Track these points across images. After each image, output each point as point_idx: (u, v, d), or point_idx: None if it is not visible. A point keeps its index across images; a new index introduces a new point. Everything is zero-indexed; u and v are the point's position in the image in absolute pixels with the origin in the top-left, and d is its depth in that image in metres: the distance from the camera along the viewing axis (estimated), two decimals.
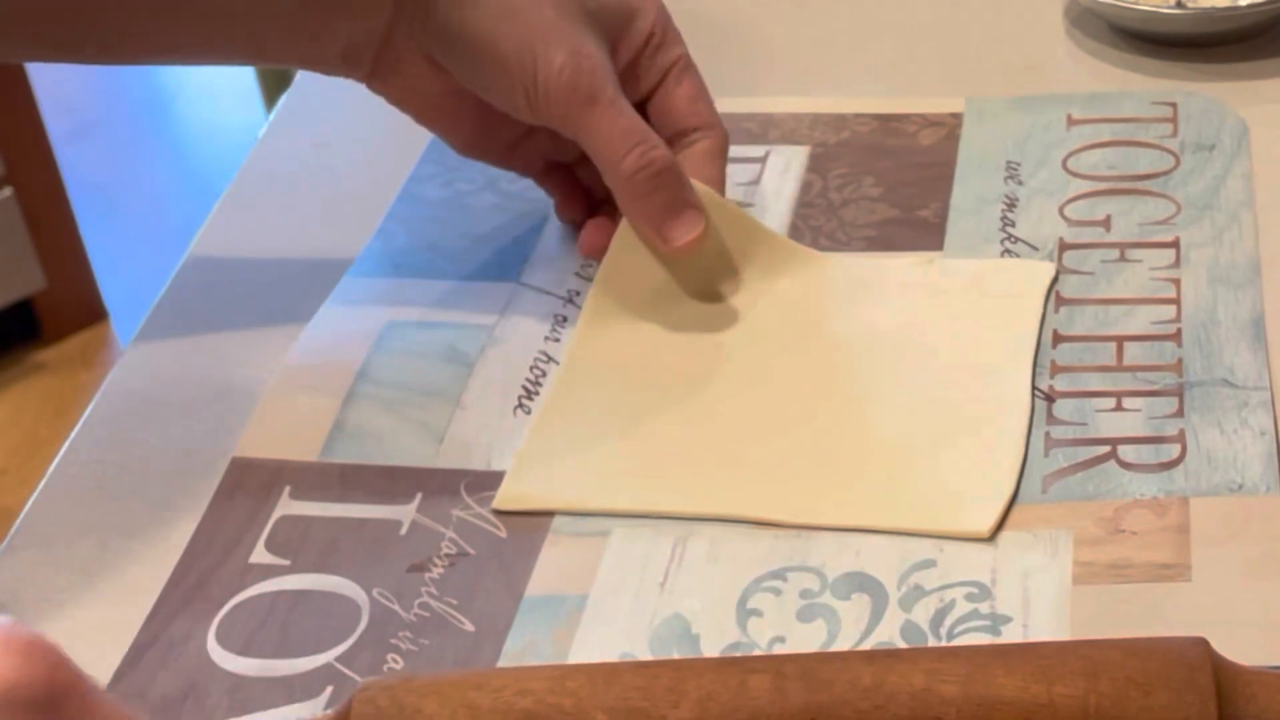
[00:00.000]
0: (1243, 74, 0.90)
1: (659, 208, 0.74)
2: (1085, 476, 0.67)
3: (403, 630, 0.64)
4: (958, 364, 0.73)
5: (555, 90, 0.73)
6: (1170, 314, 0.75)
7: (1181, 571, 0.63)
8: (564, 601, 0.65)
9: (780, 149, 0.88)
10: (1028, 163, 0.85)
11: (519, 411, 0.74)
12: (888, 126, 0.89)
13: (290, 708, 0.61)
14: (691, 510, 0.68)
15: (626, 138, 0.74)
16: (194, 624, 0.65)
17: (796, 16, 1.00)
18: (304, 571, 0.67)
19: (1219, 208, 0.81)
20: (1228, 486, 0.66)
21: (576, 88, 0.73)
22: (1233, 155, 0.84)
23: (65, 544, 0.69)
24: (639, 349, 0.75)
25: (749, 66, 0.95)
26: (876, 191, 0.84)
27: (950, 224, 0.81)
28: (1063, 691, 0.52)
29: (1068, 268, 0.78)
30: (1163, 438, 0.69)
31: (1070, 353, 0.74)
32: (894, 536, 0.66)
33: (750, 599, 0.64)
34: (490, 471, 0.71)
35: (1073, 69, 0.93)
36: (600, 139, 0.74)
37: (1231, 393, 0.70)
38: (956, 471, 0.68)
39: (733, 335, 0.76)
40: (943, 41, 0.96)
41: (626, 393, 0.73)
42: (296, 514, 0.70)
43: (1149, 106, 0.88)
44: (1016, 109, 0.89)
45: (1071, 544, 0.65)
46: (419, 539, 0.68)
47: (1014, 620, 0.62)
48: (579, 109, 0.73)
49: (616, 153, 0.74)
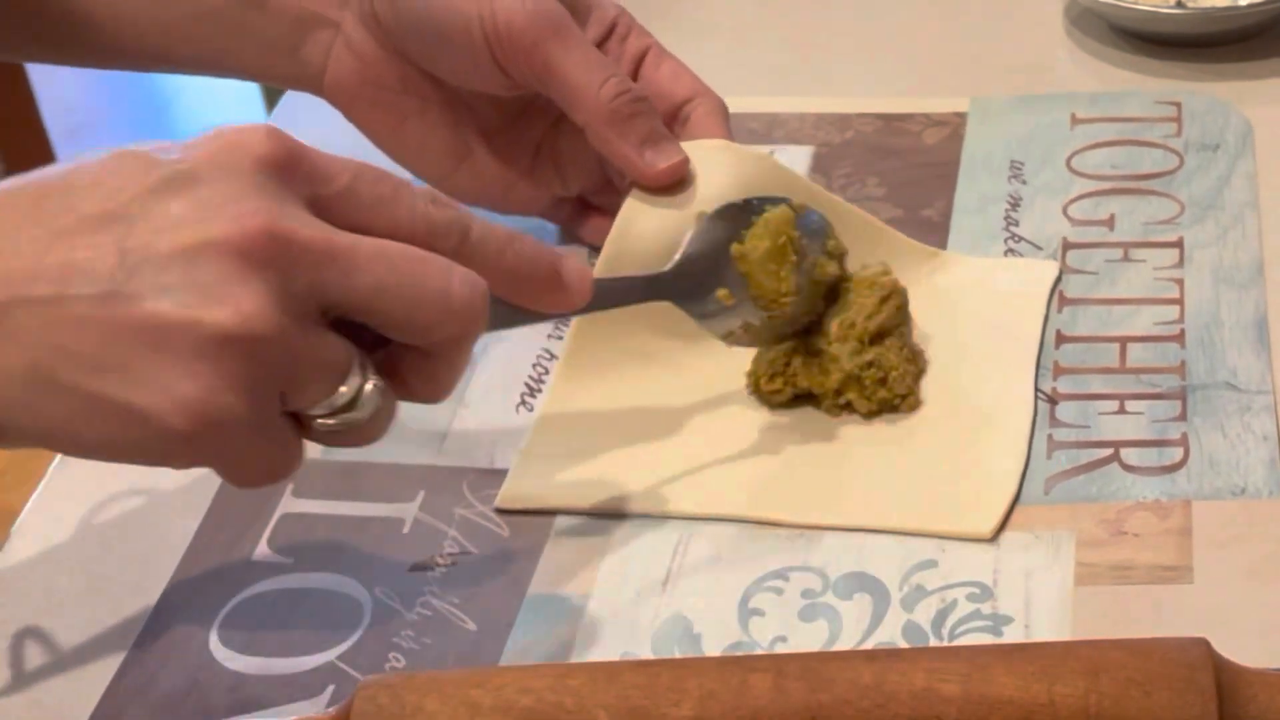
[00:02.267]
0: (1243, 74, 0.90)
1: (641, 134, 0.73)
2: (1088, 478, 0.67)
3: (405, 629, 0.64)
4: (961, 364, 0.73)
5: (518, 20, 0.72)
6: (1174, 314, 0.75)
7: (1183, 574, 0.63)
8: (566, 600, 0.65)
9: (785, 149, 0.88)
10: (1031, 162, 0.85)
11: (521, 409, 0.74)
12: (891, 126, 0.89)
13: (292, 706, 0.61)
14: (694, 510, 0.68)
15: (602, 66, 0.73)
16: (197, 622, 0.65)
17: (800, 17, 1.00)
18: (306, 570, 0.67)
19: (1223, 208, 0.81)
20: (1230, 490, 0.66)
21: (539, 18, 0.73)
22: (1237, 155, 0.84)
23: (65, 544, 0.69)
24: (641, 346, 0.75)
25: (753, 66, 0.95)
26: (880, 191, 0.84)
27: (954, 223, 0.81)
28: (1063, 691, 0.52)
29: (1071, 267, 0.78)
30: (1165, 441, 0.69)
31: (1073, 354, 0.73)
32: (896, 537, 0.66)
33: (752, 598, 0.64)
34: (493, 470, 0.71)
35: (1073, 69, 0.93)
36: (574, 67, 0.73)
37: (1235, 396, 0.70)
38: (959, 472, 0.68)
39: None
40: (945, 42, 0.96)
41: (629, 391, 0.73)
42: (299, 512, 0.70)
43: (1153, 106, 0.88)
44: (1021, 108, 0.89)
45: (1074, 545, 0.65)
46: (421, 538, 0.68)
47: (1015, 621, 0.62)
48: (547, 40, 0.72)
49: (593, 80, 0.73)
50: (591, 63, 0.73)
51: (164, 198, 0.54)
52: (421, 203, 0.58)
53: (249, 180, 0.55)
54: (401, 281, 0.56)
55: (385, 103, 0.78)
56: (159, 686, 0.63)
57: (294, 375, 0.55)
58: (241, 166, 0.55)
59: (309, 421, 0.57)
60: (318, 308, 0.55)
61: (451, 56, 0.75)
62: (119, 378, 0.53)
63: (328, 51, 0.78)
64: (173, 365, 0.53)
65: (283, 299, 0.54)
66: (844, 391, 0.70)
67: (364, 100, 0.78)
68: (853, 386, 0.70)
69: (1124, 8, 0.92)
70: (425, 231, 0.58)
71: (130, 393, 0.53)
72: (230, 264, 0.53)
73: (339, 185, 0.57)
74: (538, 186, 0.80)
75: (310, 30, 0.78)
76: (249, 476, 0.57)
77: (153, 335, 0.53)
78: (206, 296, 0.53)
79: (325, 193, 0.57)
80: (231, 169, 0.55)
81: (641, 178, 0.73)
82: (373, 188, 0.58)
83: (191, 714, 0.62)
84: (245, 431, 0.54)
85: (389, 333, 0.57)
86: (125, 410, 0.53)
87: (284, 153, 0.56)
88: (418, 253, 0.57)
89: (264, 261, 0.54)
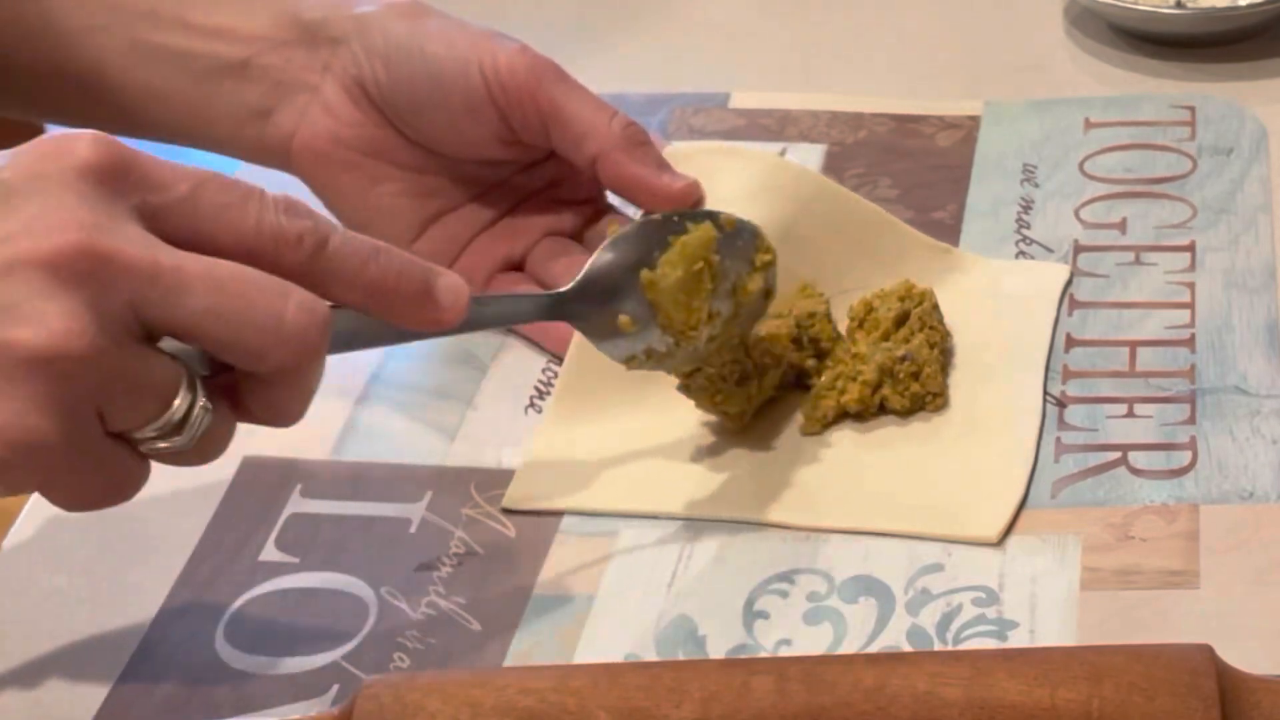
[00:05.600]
0: (1245, 74, 0.90)
1: (654, 159, 0.73)
2: (1095, 482, 0.67)
3: (410, 629, 0.64)
4: (969, 367, 0.73)
5: (520, 68, 0.73)
6: (1184, 319, 0.75)
7: (1190, 578, 0.63)
8: (571, 601, 0.65)
9: (797, 146, 0.87)
10: (1044, 165, 0.85)
11: (530, 412, 0.74)
12: (905, 128, 0.88)
13: (296, 706, 0.61)
14: (700, 511, 0.68)
15: (604, 104, 0.74)
16: (202, 621, 0.65)
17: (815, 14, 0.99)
18: (313, 570, 0.67)
19: (1235, 212, 0.80)
20: (1238, 494, 0.66)
21: (540, 64, 0.73)
22: (1251, 159, 0.83)
23: (65, 544, 0.70)
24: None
25: (767, 62, 0.95)
26: (893, 193, 0.84)
27: (965, 225, 0.81)
28: (1066, 696, 0.52)
29: (1082, 270, 0.78)
30: (1174, 445, 0.68)
31: (1083, 357, 0.73)
32: (902, 540, 0.66)
33: (757, 601, 0.64)
34: (501, 470, 0.71)
35: (1072, 69, 0.93)
36: (581, 105, 0.73)
37: (1244, 400, 0.70)
38: (965, 475, 0.68)
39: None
40: (945, 42, 0.96)
41: (636, 393, 0.73)
42: (307, 512, 0.70)
43: (1168, 109, 0.87)
44: (1034, 112, 0.88)
45: (1080, 549, 0.64)
46: (428, 537, 0.68)
47: (1021, 625, 0.62)
48: (550, 84, 0.73)
49: (603, 115, 0.73)
50: (596, 100, 0.74)
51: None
52: (271, 213, 0.56)
53: (70, 191, 0.52)
54: (230, 306, 0.54)
55: (356, 166, 0.76)
56: (164, 684, 0.63)
57: (112, 396, 0.53)
58: (63, 177, 0.52)
59: (136, 444, 0.55)
60: (140, 327, 0.53)
61: (449, 108, 0.74)
62: None
63: (302, 115, 0.76)
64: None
65: (98, 317, 0.52)
66: (879, 389, 0.70)
67: (335, 162, 0.76)
68: (887, 382, 0.70)
69: (1124, 8, 0.92)
70: (272, 244, 0.55)
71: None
72: (40, 281, 0.51)
73: (176, 194, 0.54)
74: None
75: (287, 94, 0.76)
76: (79, 500, 0.55)
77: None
78: (12, 316, 0.51)
79: (158, 201, 0.54)
80: (51, 179, 0.52)
81: (661, 199, 0.73)
82: (215, 196, 0.55)
83: (196, 712, 0.62)
84: (62, 456, 0.52)
85: (220, 357, 0.55)
86: None
87: (110, 159, 0.53)
88: (251, 274, 0.54)
89: (77, 278, 0.51)
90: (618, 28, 1.00)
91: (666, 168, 0.73)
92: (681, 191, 0.72)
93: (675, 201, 0.72)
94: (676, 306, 0.66)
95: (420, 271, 0.59)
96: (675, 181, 0.72)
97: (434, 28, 0.74)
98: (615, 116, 0.73)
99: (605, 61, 0.96)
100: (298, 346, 0.55)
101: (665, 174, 0.73)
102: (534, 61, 0.73)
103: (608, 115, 0.73)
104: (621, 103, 0.75)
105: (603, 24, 1.00)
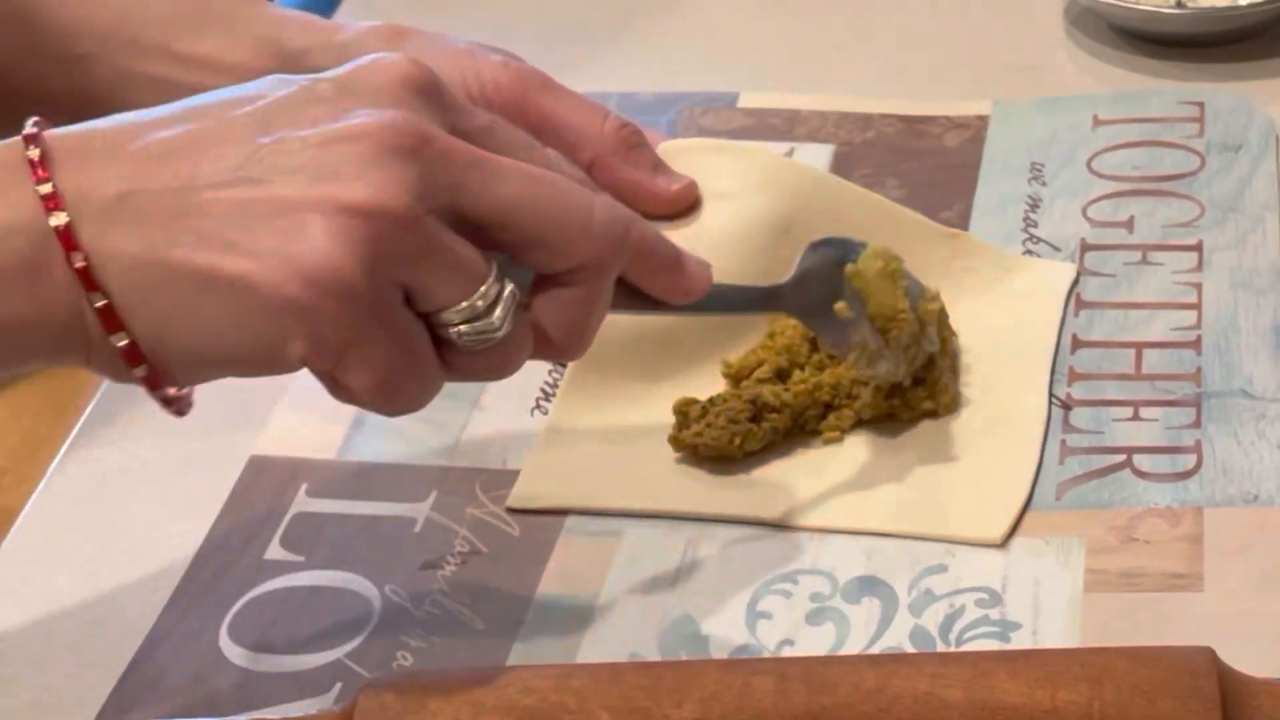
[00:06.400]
0: (1244, 74, 0.90)
1: (649, 161, 0.73)
2: (1100, 484, 0.67)
3: (414, 627, 0.64)
4: (974, 368, 0.73)
5: (505, 78, 0.73)
6: (1191, 320, 0.74)
7: (1194, 581, 0.63)
8: (575, 600, 0.65)
9: (805, 146, 0.87)
10: (1052, 164, 0.85)
11: (536, 413, 0.74)
12: (914, 128, 0.88)
13: (299, 703, 0.61)
14: (704, 511, 0.68)
15: (596, 106, 0.73)
16: (207, 618, 0.65)
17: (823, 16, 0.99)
18: (317, 568, 0.67)
19: (1243, 210, 0.80)
20: (1242, 498, 0.66)
21: (525, 73, 0.73)
22: (1259, 156, 0.83)
23: (65, 544, 0.70)
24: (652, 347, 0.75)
25: (776, 62, 0.95)
26: (900, 193, 0.83)
27: (972, 224, 0.81)
28: (1067, 698, 0.52)
29: (1089, 269, 0.78)
30: (1179, 448, 0.68)
31: (1089, 359, 0.73)
32: (906, 541, 0.66)
33: (760, 601, 0.64)
34: (506, 470, 0.71)
35: (1073, 70, 0.93)
36: (571, 111, 0.73)
37: (1249, 404, 0.70)
38: (970, 477, 0.68)
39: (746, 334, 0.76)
40: (949, 44, 0.96)
41: (640, 394, 0.73)
42: (313, 511, 0.70)
43: (1176, 106, 0.87)
44: (1042, 111, 0.88)
45: (1084, 551, 0.64)
46: (433, 537, 0.68)
47: (1024, 627, 0.62)
48: (537, 94, 0.73)
49: (595, 117, 0.73)
50: (586, 104, 0.73)
51: (306, 105, 0.55)
52: (555, 160, 0.59)
53: (394, 93, 0.55)
54: (543, 194, 0.56)
55: None
56: (168, 681, 0.63)
57: (423, 267, 0.54)
58: (389, 84, 0.56)
59: (443, 331, 0.55)
60: (455, 215, 0.55)
61: None
62: (233, 252, 0.53)
63: None
64: (293, 234, 0.52)
65: (420, 189, 0.54)
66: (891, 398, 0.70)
67: None
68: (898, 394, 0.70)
69: (1124, 8, 0.92)
70: None
71: (244, 264, 0.53)
72: (369, 150, 0.54)
73: (479, 122, 0.58)
74: None
75: None
76: (379, 380, 0.55)
77: (274, 209, 0.53)
78: (338, 177, 0.53)
79: (464, 126, 0.57)
80: (377, 85, 0.56)
81: (657, 201, 0.73)
82: (510, 134, 0.58)
83: (199, 710, 0.62)
84: (366, 315, 0.53)
85: (525, 253, 0.56)
86: (239, 285, 0.53)
87: (429, 77, 0.56)
88: (559, 176, 0.57)
89: (404, 153, 0.54)
90: (626, 27, 1.00)
91: (663, 170, 0.73)
92: (678, 194, 0.73)
93: (672, 205, 0.73)
94: (883, 293, 0.67)
95: (669, 244, 0.61)
96: (672, 184, 0.73)
97: (415, 49, 0.74)
98: (608, 119, 0.73)
99: (614, 61, 0.96)
100: (604, 243, 0.57)
101: (661, 177, 0.73)
102: (519, 73, 0.73)
103: (600, 118, 0.73)
104: (630, 102, 0.75)
105: (612, 24, 1.00)
